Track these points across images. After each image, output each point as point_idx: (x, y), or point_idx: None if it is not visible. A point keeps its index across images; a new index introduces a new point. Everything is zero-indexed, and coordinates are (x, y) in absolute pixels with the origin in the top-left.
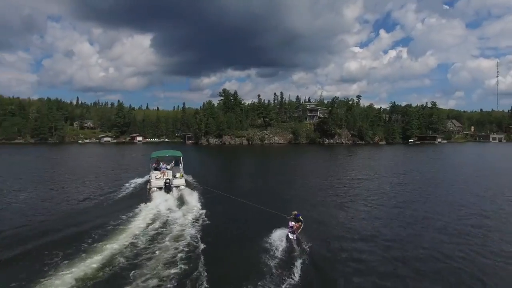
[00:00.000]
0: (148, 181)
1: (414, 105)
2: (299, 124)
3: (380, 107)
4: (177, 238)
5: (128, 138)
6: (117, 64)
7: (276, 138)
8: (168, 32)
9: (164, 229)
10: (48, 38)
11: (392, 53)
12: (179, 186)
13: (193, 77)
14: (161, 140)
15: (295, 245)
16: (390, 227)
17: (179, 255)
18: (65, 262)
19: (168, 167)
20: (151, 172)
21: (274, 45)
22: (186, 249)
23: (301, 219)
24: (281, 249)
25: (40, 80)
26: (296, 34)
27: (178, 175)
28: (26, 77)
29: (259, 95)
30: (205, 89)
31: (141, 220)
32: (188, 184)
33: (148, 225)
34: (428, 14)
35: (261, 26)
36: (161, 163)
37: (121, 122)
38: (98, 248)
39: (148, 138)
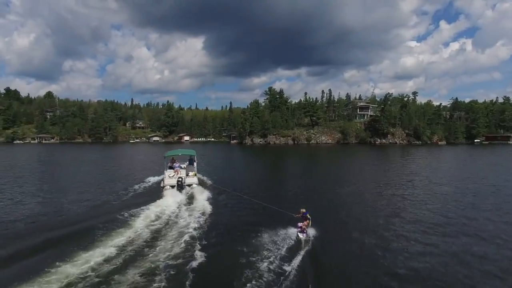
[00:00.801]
0: (162, 180)
1: (480, 101)
2: (348, 123)
3: (440, 104)
4: (178, 236)
5: (176, 138)
6: (172, 66)
7: (323, 138)
8: (219, 34)
9: (168, 226)
10: (111, 45)
11: (454, 46)
12: (191, 185)
13: (244, 77)
14: (208, 139)
15: (304, 245)
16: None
17: (178, 252)
18: (64, 257)
19: (183, 166)
20: (165, 171)
21: (324, 43)
22: (185, 246)
23: (309, 216)
24: (288, 249)
25: (104, 84)
26: (348, 30)
27: (191, 173)
28: (92, 82)
29: (305, 93)
30: (255, 89)
31: (148, 216)
32: (201, 183)
33: (154, 221)
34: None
35: (311, 24)
36: (176, 161)
37: (169, 122)
38: (99, 243)
39: (195, 138)
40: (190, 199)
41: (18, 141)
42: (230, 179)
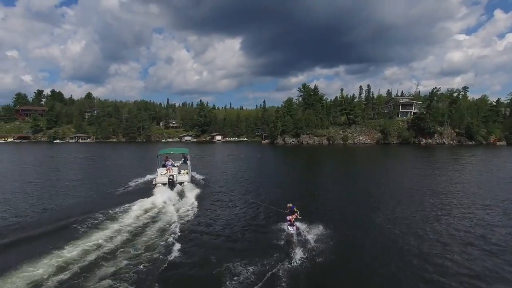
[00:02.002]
0: (155, 177)
1: None
2: (389, 122)
3: (498, 99)
4: (161, 232)
5: (208, 138)
6: (210, 67)
7: (361, 138)
8: (256, 34)
9: (152, 222)
10: (152, 48)
11: (511, 37)
12: (182, 183)
13: (281, 77)
14: (241, 139)
15: (294, 237)
16: None
17: (157, 247)
18: (47, 251)
19: (176, 164)
20: (158, 169)
21: (364, 40)
22: (166, 243)
23: (296, 210)
24: (278, 242)
25: (146, 86)
26: (389, 25)
27: (183, 171)
28: (135, 84)
29: (342, 89)
30: (293, 89)
31: (135, 212)
32: (193, 181)
33: (139, 217)
34: None
35: (350, 21)
36: (169, 160)
37: (201, 121)
38: (80, 238)
39: (228, 137)
40: (180, 196)
41: (58, 141)
42: (232, 178)
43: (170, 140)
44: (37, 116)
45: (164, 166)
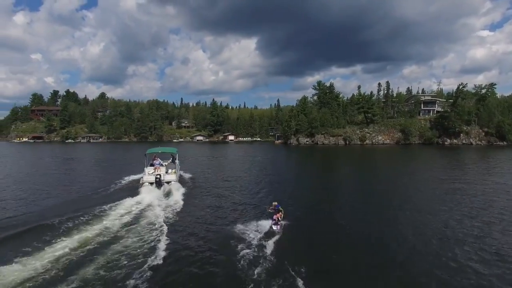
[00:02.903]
0: (142, 176)
1: None
2: (410, 120)
3: None
4: (144, 230)
5: (220, 137)
6: (226, 67)
7: (380, 138)
8: (272, 34)
9: (136, 221)
10: (169, 49)
11: None
12: (170, 182)
13: (297, 76)
14: (254, 139)
15: (278, 235)
16: None
17: (140, 246)
18: (29, 250)
19: (164, 163)
20: (145, 168)
21: (381, 38)
22: (149, 241)
23: (281, 209)
24: (262, 240)
25: (163, 86)
26: (407, 22)
27: (170, 171)
28: (153, 84)
29: (359, 86)
30: (309, 88)
31: (119, 211)
32: (180, 180)
33: (123, 216)
34: None
35: (367, 19)
36: (157, 159)
37: (214, 121)
38: (62, 237)
39: (241, 137)
40: (167, 195)
41: (70, 140)
42: (224, 178)
43: (181, 140)
44: (50, 116)
45: (152, 165)
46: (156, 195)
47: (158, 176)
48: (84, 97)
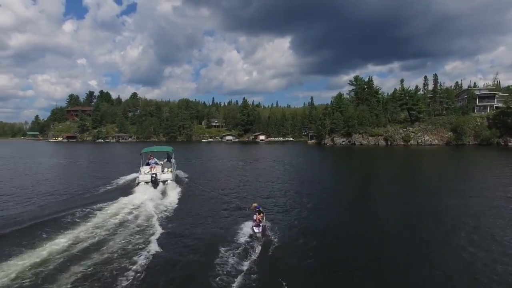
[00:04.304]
0: (137, 176)
1: None
2: (463, 118)
3: None
4: (135, 231)
5: (251, 137)
6: (260, 67)
7: (427, 138)
8: (306, 33)
9: (128, 221)
10: (204, 50)
11: None
12: (166, 181)
13: (331, 75)
14: (286, 139)
15: (259, 237)
16: None
17: (130, 246)
18: (20, 250)
19: (160, 162)
20: (141, 167)
21: (421, 33)
22: (139, 241)
23: (262, 210)
24: (243, 242)
25: (198, 87)
26: (450, 15)
27: (166, 170)
28: (188, 85)
29: (402, 80)
30: (344, 87)
31: (113, 210)
32: (176, 179)
33: (116, 215)
34: None
35: (406, 13)
36: (153, 158)
37: (244, 120)
38: (55, 236)
39: (272, 137)
40: (162, 195)
41: (100, 140)
42: (229, 180)
43: (211, 140)
44: (83, 116)
45: (147, 164)
46: (152, 195)
47: (154, 175)
48: (117, 97)
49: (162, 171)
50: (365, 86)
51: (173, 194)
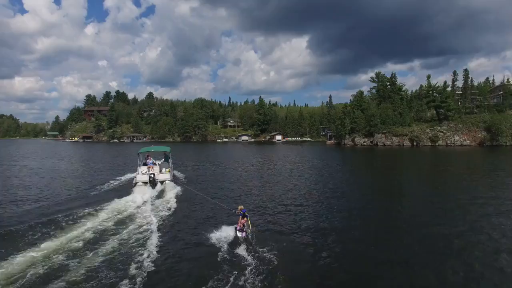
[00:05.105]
0: (135, 176)
1: None
2: (498, 116)
3: None
4: (136, 231)
5: (267, 137)
6: (277, 67)
7: (457, 138)
8: (323, 32)
9: (129, 221)
10: (221, 51)
11: None
12: (164, 181)
13: (350, 74)
14: (304, 139)
15: (243, 244)
16: None
17: (126, 247)
18: (15, 251)
19: (157, 162)
20: (138, 167)
21: (443, 29)
22: (138, 242)
23: (247, 214)
24: (227, 248)
25: (216, 87)
26: (475, 10)
27: (164, 170)
28: (206, 86)
29: (428, 76)
30: (363, 86)
31: (110, 211)
32: (174, 179)
33: (117, 215)
34: None
35: (428, 9)
36: (151, 158)
37: (261, 119)
38: (51, 237)
39: (289, 137)
40: (160, 195)
41: (114, 140)
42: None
43: (226, 140)
44: (99, 116)
45: (145, 164)
46: (150, 195)
47: (152, 175)
48: (133, 97)
49: (160, 171)
50: (388, 83)
51: (171, 194)
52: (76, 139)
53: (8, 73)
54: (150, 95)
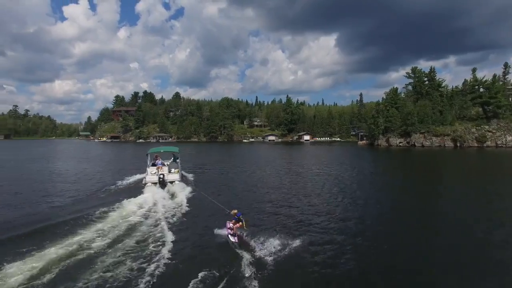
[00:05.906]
0: (144, 177)
1: None
2: None
3: None
4: (148, 232)
5: (295, 137)
6: (305, 66)
7: (510, 138)
8: (352, 29)
9: (141, 222)
10: (249, 51)
11: None
12: (173, 181)
13: (380, 72)
14: (333, 139)
15: (235, 249)
16: None
17: (141, 251)
18: (29, 252)
19: (166, 163)
20: (147, 168)
21: (481, 23)
22: (152, 243)
23: (242, 218)
24: (216, 250)
25: (243, 88)
26: None
27: (173, 170)
28: (234, 86)
29: (474, 69)
30: (394, 84)
31: (124, 211)
32: (183, 180)
33: (128, 216)
34: None
35: (464, 3)
36: (159, 159)
37: (288, 119)
38: (65, 238)
39: (318, 137)
40: (170, 196)
41: (141, 140)
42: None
43: (252, 140)
44: (126, 116)
45: (154, 165)
46: (160, 195)
47: (162, 175)
48: (160, 97)
49: (169, 172)
50: (426, 79)
51: (181, 194)
52: (104, 139)
53: (49, 77)
54: (176, 95)
